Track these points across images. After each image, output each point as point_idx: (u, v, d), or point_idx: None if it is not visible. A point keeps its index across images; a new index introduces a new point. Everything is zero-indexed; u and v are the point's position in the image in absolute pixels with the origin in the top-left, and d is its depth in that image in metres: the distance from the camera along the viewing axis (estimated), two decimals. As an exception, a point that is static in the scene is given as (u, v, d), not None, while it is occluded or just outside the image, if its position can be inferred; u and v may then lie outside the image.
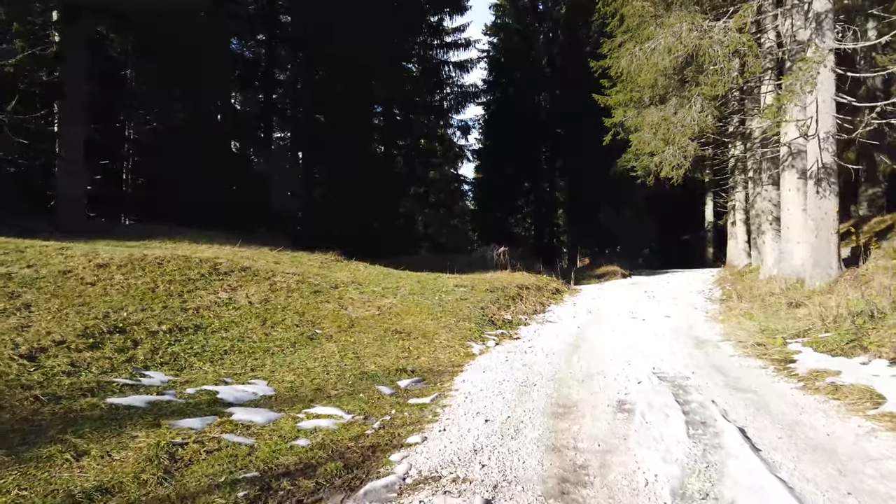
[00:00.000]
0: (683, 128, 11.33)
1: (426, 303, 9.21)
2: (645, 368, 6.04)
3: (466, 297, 10.03)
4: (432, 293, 9.98)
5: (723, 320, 9.12)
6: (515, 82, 35.31)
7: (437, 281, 11.19)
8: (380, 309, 8.40)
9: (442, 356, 6.78)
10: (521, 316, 9.80)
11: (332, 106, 21.90)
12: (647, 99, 13.00)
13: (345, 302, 8.43)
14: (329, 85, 22.04)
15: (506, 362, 6.55)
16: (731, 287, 13.80)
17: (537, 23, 36.79)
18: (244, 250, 10.63)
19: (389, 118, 29.12)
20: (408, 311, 8.52)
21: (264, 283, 8.17)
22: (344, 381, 5.49)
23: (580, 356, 6.86)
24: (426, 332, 7.57)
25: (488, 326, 8.58)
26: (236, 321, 6.72)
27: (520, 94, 34.70)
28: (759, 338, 7.27)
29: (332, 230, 21.25)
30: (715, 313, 9.97)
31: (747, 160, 18.52)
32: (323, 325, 7.25)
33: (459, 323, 8.29)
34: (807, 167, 11.74)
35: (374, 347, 6.73)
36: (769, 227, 13.65)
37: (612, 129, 15.86)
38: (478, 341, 7.66)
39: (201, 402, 4.61)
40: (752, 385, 5.37)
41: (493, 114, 35.67)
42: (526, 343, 7.81)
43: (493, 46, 36.32)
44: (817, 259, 9.98)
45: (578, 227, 35.23)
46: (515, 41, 35.39)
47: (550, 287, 14.12)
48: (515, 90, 35.00)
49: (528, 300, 11.38)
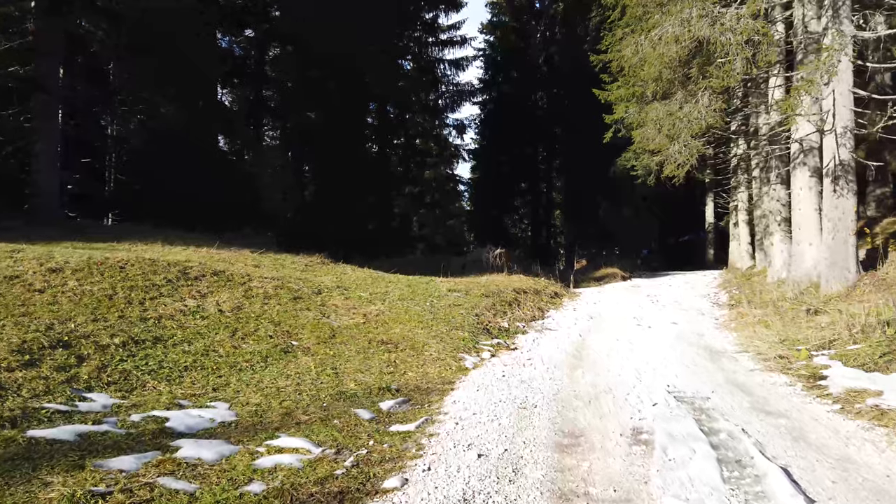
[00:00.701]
0: (690, 123, 10.70)
1: (416, 309, 8.53)
2: (658, 386, 5.39)
3: (460, 302, 9.36)
4: (423, 298, 9.31)
5: (735, 328, 8.48)
6: (512, 81, 34.76)
7: (430, 285, 10.52)
8: (365, 317, 7.73)
9: (431, 371, 6.11)
10: (519, 323, 9.13)
11: (324, 103, 21.22)
12: (650, 94, 12.35)
13: (327, 309, 7.75)
14: (321, 82, 21.35)
15: (502, 378, 5.88)
16: (738, 291, 13.19)
17: (534, 20, 36.22)
18: (222, 252, 9.94)
19: (383, 116, 28.45)
20: (396, 319, 7.85)
21: (238, 289, 7.48)
22: (318, 403, 4.82)
23: (584, 370, 6.20)
24: (415, 343, 6.90)
25: (483, 335, 7.91)
26: (202, 332, 6.04)
27: (516, 93, 34.13)
28: (779, 349, 6.62)
29: (323, 231, 20.56)
30: (725, 320, 9.33)
31: (751, 159, 17.93)
32: (300, 335, 6.57)
33: (452, 332, 7.63)
34: (820, 164, 11.13)
35: (356, 362, 6.06)
36: (777, 227, 13.04)
37: (613, 126, 15.23)
38: (471, 353, 7.00)
39: (145, 432, 3.93)
40: (783, 407, 4.72)
41: (489, 113, 35.08)
42: (524, 354, 7.14)
43: (490, 45, 35.73)
44: (833, 261, 9.35)
45: (576, 227, 34.60)
46: (512, 39, 34.78)
47: (549, 291, 13.47)
48: (512, 89, 34.43)
49: (525, 305, 10.72)
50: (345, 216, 21.94)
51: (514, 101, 33.72)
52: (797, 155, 11.20)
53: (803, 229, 11.05)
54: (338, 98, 21.95)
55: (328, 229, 20.15)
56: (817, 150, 11.07)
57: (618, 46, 13.45)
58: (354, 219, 22.53)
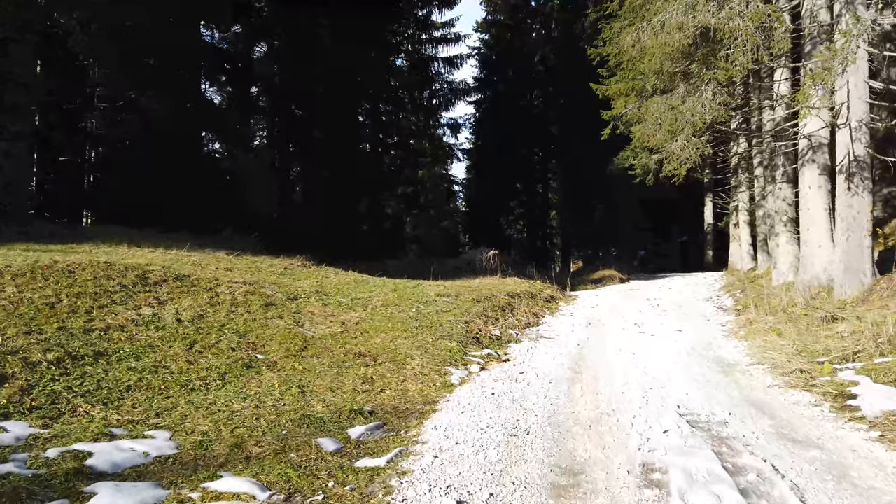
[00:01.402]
0: (693, 117, 10.09)
1: (401, 316, 7.88)
2: (667, 406, 4.75)
3: (449, 308, 8.71)
4: (410, 304, 8.65)
5: (745, 336, 7.85)
6: (507, 80, 34.22)
7: (417, 289, 9.87)
8: (344, 325, 7.07)
9: (413, 388, 5.45)
10: (512, 331, 8.49)
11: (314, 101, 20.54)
12: (650, 88, 11.76)
13: (302, 317, 7.09)
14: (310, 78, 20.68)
15: (492, 396, 5.23)
16: (742, 294, 12.58)
17: (529, 19, 35.70)
18: (194, 254, 9.26)
19: (375, 114, 27.81)
20: (377, 328, 7.19)
21: (203, 295, 6.81)
22: (276, 431, 4.16)
23: (584, 386, 5.56)
24: (396, 356, 6.24)
25: (472, 346, 7.26)
26: (155, 345, 5.37)
27: (512, 93, 33.60)
28: (798, 362, 5.99)
29: (310, 233, 19.90)
30: (734, 327, 8.70)
31: (753, 157, 17.37)
32: (268, 348, 5.90)
33: (438, 342, 6.97)
34: (831, 161, 10.54)
35: (328, 378, 5.39)
36: (783, 228, 12.44)
37: (611, 122, 14.65)
38: (459, 366, 6.34)
39: (58, 472, 3.26)
40: (813, 435, 4.08)
41: (484, 112, 34.53)
42: (517, 367, 6.50)
43: (484, 43, 35.14)
44: (848, 264, 8.75)
45: (572, 228, 34.05)
46: (507, 38, 34.23)
47: (544, 294, 12.84)
48: (507, 88, 33.90)
49: (519, 311, 10.08)
50: (334, 217, 21.26)
51: (509, 100, 33.19)
52: (805, 152, 10.59)
53: (812, 230, 10.45)
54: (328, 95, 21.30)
55: (316, 230, 19.48)
56: (827, 147, 10.49)
57: (616, 39, 12.85)
58: (344, 220, 21.87)
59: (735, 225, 20.96)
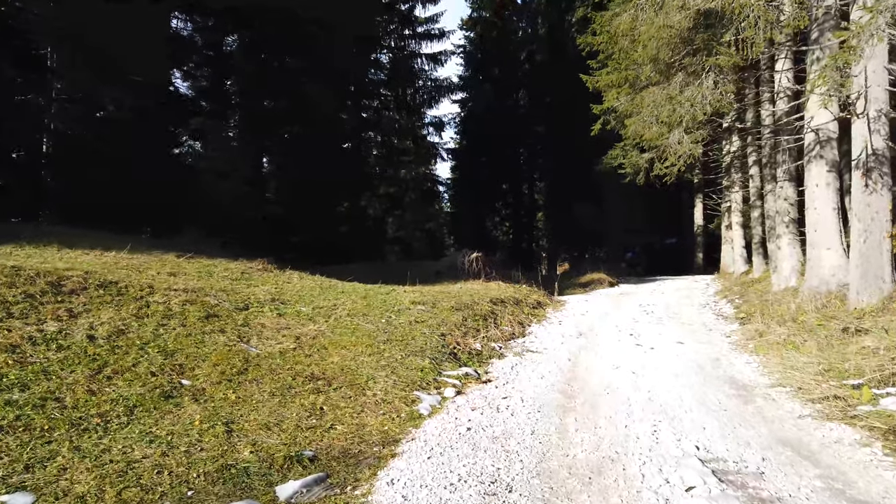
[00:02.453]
0: (693, 108, 9.23)
1: (368, 328, 6.88)
2: (684, 449, 3.82)
3: (424, 318, 7.73)
4: (380, 314, 7.66)
5: (756, 350, 6.98)
6: (493, 79, 33.43)
7: (390, 296, 8.88)
8: (298, 340, 6.06)
9: (371, 421, 4.47)
10: (495, 344, 7.53)
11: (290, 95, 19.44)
12: (644, 78, 10.89)
13: (249, 331, 6.06)
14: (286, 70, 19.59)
15: (467, 433, 4.27)
16: (742, 300, 11.78)
17: (515, 17, 34.93)
18: (137, 257, 8.17)
19: (356, 111, 26.78)
20: (338, 343, 6.18)
21: (130, 306, 5.76)
22: (179, 492, 3.15)
23: (579, 417, 4.62)
24: (356, 378, 5.25)
25: (449, 363, 6.29)
26: (52, 370, 4.32)
27: (498, 92, 32.81)
28: (827, 385, 5.11)
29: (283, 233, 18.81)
30: (741, 339, 7.83)
31: (748, 156, 16.64)
32: (198, 370, 4.88)
33: (408, 359, 5.99)
34: (837, 157, 9.79)
35: (266, 410, 4.39)
36: (785, 230, 11.65)
37: (602, 116, 13.80)
38: (431, 389, 5.37)
39: None
40: (875, 491, 3.18)
41: (469, 111, 33.63)
42: (499, 390, 5.54)
43: (470, 41, 34.24)
44: (865, 269, 7.92)
45: (559, 230, 33.24)
46: (493, 35, 33.38)
47: (531, 300, 11.93)
48: (493, 87, 33.11)
49: (503, 319, 9.14)
50: (310, 217, 20.18)
51: (495, 99, 32.39)
52: (812, 147, 9.79)
53: (820, 231, 9.65)
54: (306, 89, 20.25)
55: (289, 231, 18.42)
56: (836, 142, 9.72)
57: (607, 27, 11.99)
58: (321, 220, 20.80)
59: (727, 227, 20.26)
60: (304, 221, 20.25)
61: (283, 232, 19.08)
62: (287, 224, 19.14)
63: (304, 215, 20.06)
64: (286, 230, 19.08)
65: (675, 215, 29.55)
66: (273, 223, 18.46)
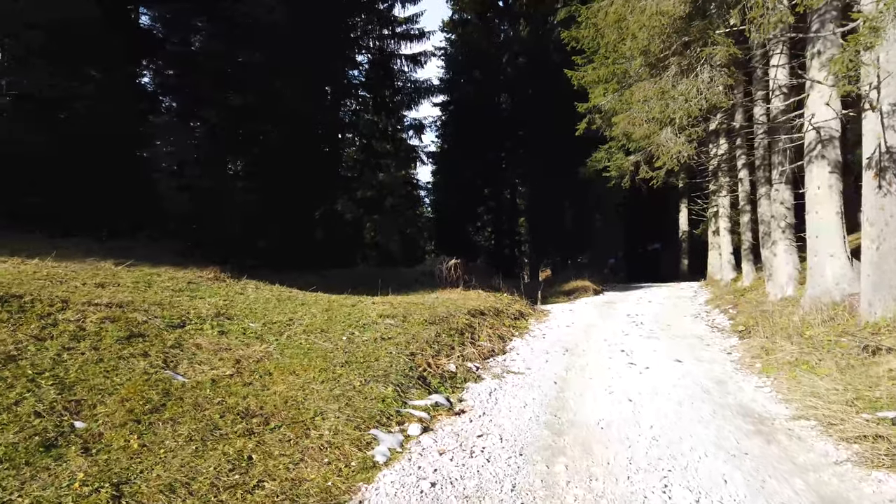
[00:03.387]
0: (688, 103, 8.50)
1: (325, 348, 5.96)
2: (706, 513, 2.99)
3: (392, 334, 6.84)
4: (341, 329, 6.75)
5: (764, 370, 6.21)
6: (475, 82, 32.73)
7: (357, 308, 7.96)
8: (238, 364, 5.12)
9: (311, 474, 3.55)
10: (471, 364, 6.66)
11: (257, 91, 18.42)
12: (634, 72, 10.17)
13: (180, 354, 5.11)
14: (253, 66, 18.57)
15: (431, 490, 3.38)
16: (735, 310, 11.09)
17: (497, 19, 34.29)
18: (64, 265, 7.14)
19: (332, 111, 25.84)
20: (286, 367, 5.26)
21: (32, 325, 4.77)
22: None
23: (570, 466, 3.76)
24: (301, 413, 4.34)
25: (417, 389, 5.40)
26: None
27: (480, 95, 32.09)
28: (860, 418, 4.33)
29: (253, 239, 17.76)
30: (744, 356, 7.07)
31: (737, 159, 16.04)
32: (100, 408, 3.92)
33: (368, 386, 5.09)
34: (840, 157, 9.15)
35: (178, 462, 3.45)
36: (782, 235, 10.99)
37: (587, 115, 13.06)
38: (392, 425, 4.48)
39: None
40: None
41: (450, 114, 32.88)
42: (474, 425, 4.66)
43: (451, 43, 33.51)
44: (879, 279, 7.21)
45: (541, 236, 32.57)
46: (475, 38, 32.68)
47: (512, 310, 11.10)
48: (475, 90, 32.38)
49: (482, 334, 8.28)
50: (281, 221, 19.17)
51: (477, 102, 31.68)
52: (813, 146, 9.13)
53: (822, 237, 8.98)
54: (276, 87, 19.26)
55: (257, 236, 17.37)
56: (839, 141, 9.08)
57: (594, 18, 11.26)
58: (293, 224, 19.79)
59: (714, 232, 19.70)
60: (274, 226, 19.22)
61: (252, 237, 18.03)
62: (256, 228, 18.10)
63: (274, 219, 19.04)
64: (254, 235, 18.04)
65: (659, 220, 29.08)
66: (241, 228, 17.40)
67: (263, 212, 18.76)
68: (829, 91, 8.88)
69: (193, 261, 10.04)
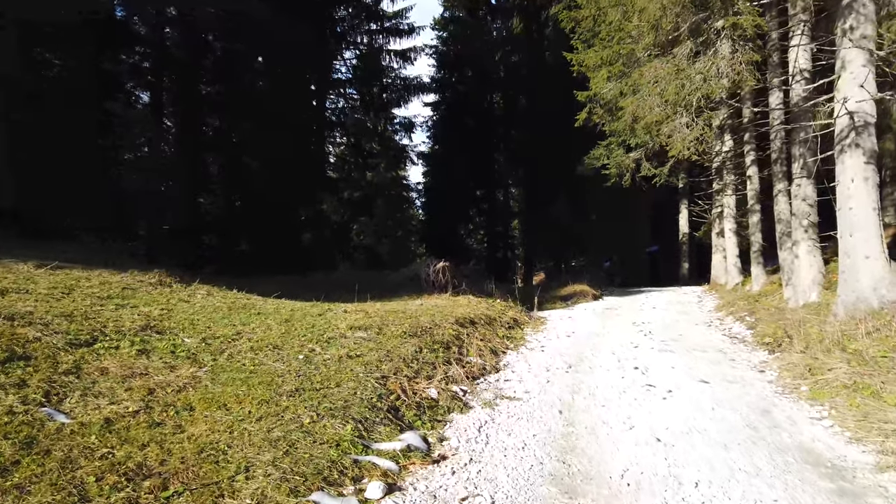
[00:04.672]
0: (707, 82, 7.39)
1: (273, 370, 4.78)
2: None
3: (362, 350, 5.66)
4: (299, 345, 5.56)
5: (815, 396, 5.08)
6: (467, 81, 31.77)
7: (324, 318, 6.78)
8: (151, 396, 3.93)
9: (209, 577, 2.37)
10: (457, 387, 5.48)
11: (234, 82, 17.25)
12: (642, 51, 9.08)
13: (74, 382, 3.91)
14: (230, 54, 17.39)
15: None
16: (754, 318, 9.98)
17: (490, 16, 33.31)
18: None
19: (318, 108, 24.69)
20: (215, 398, 4.07)
21: None
22: None
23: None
24: (216, 471, 3.15)
25: (385, 426, 4.21)
26: None
27: (472, 94, 31.12)
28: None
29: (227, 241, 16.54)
30: (783, 376, 5.93)
31: (745, 155, 14.97)
32: (-87, 472, 2.73)
33: (321, 424, 3.90)
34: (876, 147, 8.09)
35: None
36: (804, 235, 9.91)
37: (588, 104, 11.95)
38: (345, 486, 3.29)
39: None
40: None
41: (442, 114, 31.81)
42: (457, 478, 3.49)
43: (443, 41, 32.46)
44: (937, 284, 6.15)
45: (535, 238, 31.46)
46: (467, 36, 31.67)
47: (506, 318, 9.96)
48: (467, 89, 31.40)
49: (471, 347, 7.11)
50: (260, 223, 17.94)
51: (469, 101, 30.69)
52: (846, 133, 8.06)
53: (857, 236, 7.90)
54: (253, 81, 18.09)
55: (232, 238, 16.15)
56: (874, 127, 8.03)
57: (596, -4, 10.17)
58: (273, 225, 18.55)
59: (718, 234, 18.63)
60: (252, 227, 18.00)
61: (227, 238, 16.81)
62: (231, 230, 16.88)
63: (252, 220, 17.82)
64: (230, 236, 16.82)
65: (657, 222, 28.07)
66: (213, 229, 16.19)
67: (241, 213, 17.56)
68: (864, 71, 7.85)
69: (138, 263, 8.83)
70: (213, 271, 13.86)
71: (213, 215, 16.20)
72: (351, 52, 27.06)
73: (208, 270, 14.85)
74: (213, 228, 15.76)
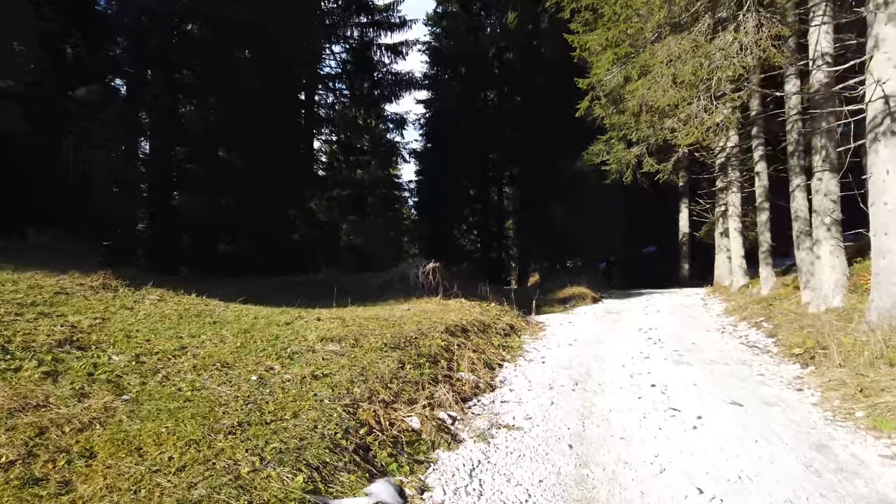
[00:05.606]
0: (729, 60, 6.53)
1: (216, 396, 3.85)
2: None
3: (330, 368, 4.74)
4: (255, 363, 4.63)
5: (876, 424, 4.19)
6: (461, 78, 30.92)
7: (290, 328, 5.85)
8: (39, 439, 2.98)
9: None
10: (445, 414, 4.56)
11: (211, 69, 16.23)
12: (651, 31, 8.20)
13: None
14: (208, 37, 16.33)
15: None
16: (772, 325, 9.13)
17: (484, 11, 32.46)
18: None
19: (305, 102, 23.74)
20: (128, 439, 3.14)
21: None
22: None
23: None
24: (99, 556, 2.22)
25: (348, 472, 3.28)
26: None
27: (466, 91, 30.27)
28: None
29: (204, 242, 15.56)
30: (829, 398, 5.05)
31: (753, 150, 14.16)
32: None
33: (262, 475, 2.98)
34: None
35: None
36: (827, 234, 9.07)
37: (589, 92, 11.08)
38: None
39: None
40: None
41: (435, 111, 30.93)
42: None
43: (436, 37, 31.58)
44: None
45: (530, 238, 30.61)
46: (461, 31, 30.82)
47: (501, 324, 9.07)
48: (461, 86, 30.54)
49: (462, 361, 6.19)
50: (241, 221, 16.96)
51: (462, 99, 29.80)
52: (880, 120, 7.20)
53: (893, 234, 7.06)
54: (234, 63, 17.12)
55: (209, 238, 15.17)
56: (912, 113, 7.18)
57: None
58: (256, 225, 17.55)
59: (722, 234, 17.81)
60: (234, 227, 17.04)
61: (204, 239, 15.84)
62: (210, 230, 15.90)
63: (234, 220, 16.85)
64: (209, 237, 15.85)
65: (656, 221, 27.25)
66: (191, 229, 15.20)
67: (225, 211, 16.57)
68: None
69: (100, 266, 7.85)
70: (190, 274, 12.89)
71: (191, 214, 15.17)
72: (340, 46, 26.19)
73: (184, 273, 13.94)
74: (190, 228, 14.76)
